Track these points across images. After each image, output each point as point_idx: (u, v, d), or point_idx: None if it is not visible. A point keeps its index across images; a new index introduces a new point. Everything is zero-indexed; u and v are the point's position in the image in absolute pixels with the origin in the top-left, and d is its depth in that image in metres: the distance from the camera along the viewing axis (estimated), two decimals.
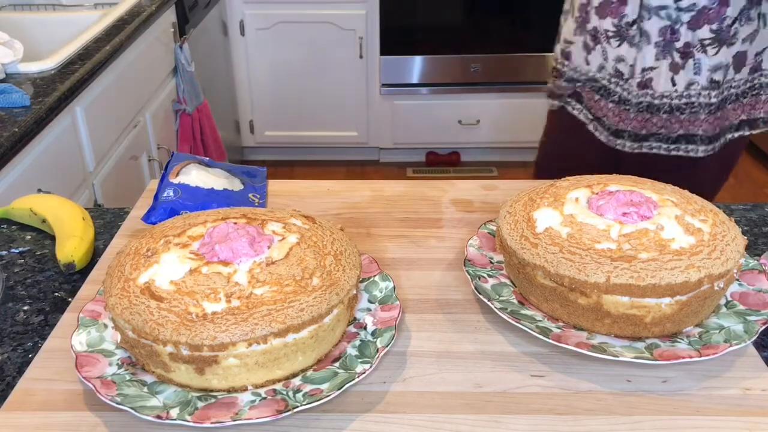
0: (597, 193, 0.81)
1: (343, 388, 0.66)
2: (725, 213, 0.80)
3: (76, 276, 0.90)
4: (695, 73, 1.33)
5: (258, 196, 1.04)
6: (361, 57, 3.32)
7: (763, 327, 0.73)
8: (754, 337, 0.72)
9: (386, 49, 3.29)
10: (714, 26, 1.30)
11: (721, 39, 1.32)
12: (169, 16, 2.42)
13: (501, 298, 0.79)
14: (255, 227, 0.75)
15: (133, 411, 0.63)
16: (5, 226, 1.02)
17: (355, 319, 0.76)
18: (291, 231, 0.75)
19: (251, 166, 1.16)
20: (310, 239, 0.74)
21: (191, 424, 0.63)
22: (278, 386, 0.68)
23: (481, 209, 1.02)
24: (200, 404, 0.65)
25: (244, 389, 0.68)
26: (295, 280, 0.68)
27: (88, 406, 0.67)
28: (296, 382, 0.68)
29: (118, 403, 0.64)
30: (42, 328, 0.80)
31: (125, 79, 2.02)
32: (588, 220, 0.76)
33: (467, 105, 3.37)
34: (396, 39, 3.26)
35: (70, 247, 0.90)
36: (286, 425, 0.65)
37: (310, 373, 0.69)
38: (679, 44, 1.32)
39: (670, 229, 0.74)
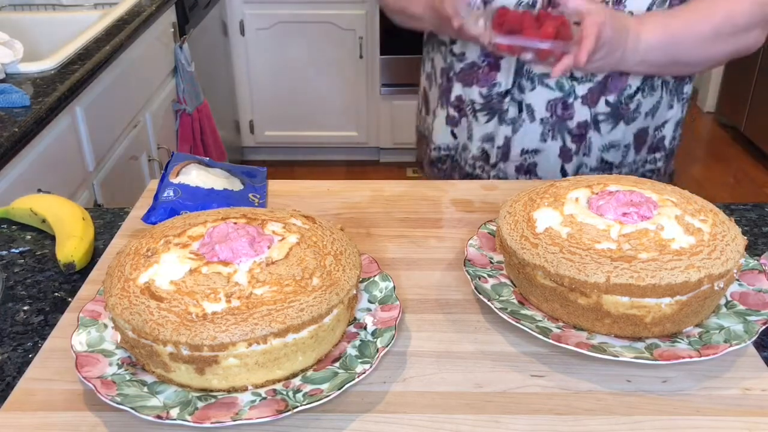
0: (597, 193, 0.81)
1: (343, 388, 0.66)
2: (725, 213, 0.80)
3: (76, 276, 0.90)
4: (584, 155, 1.17)
5: (258, 196, 1.04)
6: (361, 57, 3.33)
7: (763, 327, 0.73)
8: (754, 337, 0.72)
9: (386, 49, 3.29)
10: (611, 98, 1.12)
11: (618, 114, 1.13)
12: (169, 16, 2.42)
13: (501, 298, 0.79)
14: (255, 227, 0.75)
15: (133, 411, 0.63)
16: (5, 226, 1.02)
17: (355, 319, 0.76)
18: (291, 231, 0.75)
19: (251, 166, 1.16)
20: (310, 239, 0.74)
21: (191, 424, 0.63)
22: (278, 386, 0.68)
23: (481, 209, 1.02)
24: (200, 404, 0.65)
25: (244, 389, 0.68)
26: (295, 280, 0.68)
27: (88, 406, 0.67)
28: (296, 382, 0.68)
29: (118, 403, 0.64)
30: (42, 328, 0.80)
31: (125, 79, 2.02)
32: (588, 220, 0.76)
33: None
34: (396, 39, 3.26)
35: (70, 247, 0.90)
36: (286, 425, 0.65)
37: (310, 373, 0.69)
38: (572, 123, 1.14)
39: (670, 229, 0.74)
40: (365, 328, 0.74)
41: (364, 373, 0.68)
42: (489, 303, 0.77)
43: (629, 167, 1.21)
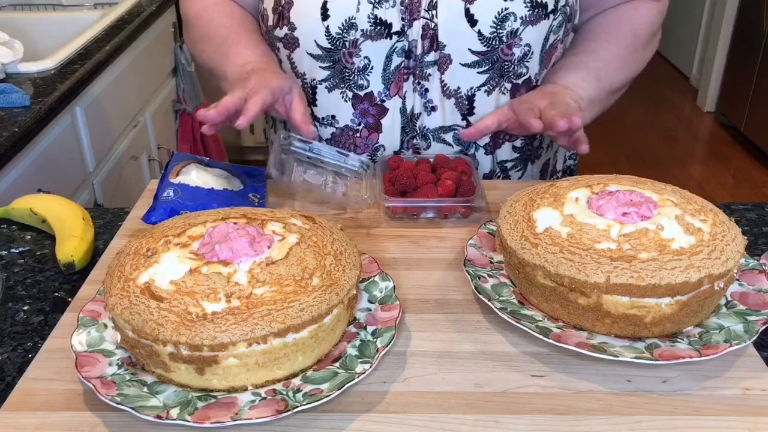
0: (597, 193, 0.81)
1: (343, 388, 0.66)
2: (725, 213, 0.80)
3: (76, 276, 0.90)
4: None
5: (258, 196, 1.04)
6: None
7: (763, 327, 0.73)
8: (754, 337, 0.72)
9: None
10: (518, 143, 1.05)
11: (526, 157, 1.07)
12: (169, 16, 2.42)
13: (501, 298, 0.79)
14: (255, 227, 0.75)
15: (133, 411, 0.63)
16: (5, 226, 1.02)
17: (355, 319, 0.76)
18: (291, 231, 0.75)
19: (251, 166, 1.16)
20: (310, 239, 0.74)
21: (191, 424, 0.63)
22: (278, 386, 0.68)
23: (482, 209, 1.02)
24: (200, 404, 0.65)
25: (244, 389, 0.68)
26: (295, 280, 0.68)
27: (88, 406, 0.67)
28: (296, 382, 0.68)
29: (118, 403, 0.64)
30: (42, 328, 0.80)
31: (125, 79, 2.01)
32: (588, 220, 0.76)
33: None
34: None
35: (70, 247, 0.90)
36: (286, 425, 0.65)
37: (310, 373, 0.69)
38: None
39: (670, 229, 0.74)
40: (365, 328, 0.74)
41: (364, 373, 0.68)
42: (489, 303, 0.77)
43: None
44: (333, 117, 1.01)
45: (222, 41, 1.03)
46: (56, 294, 0.87)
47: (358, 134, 1.01)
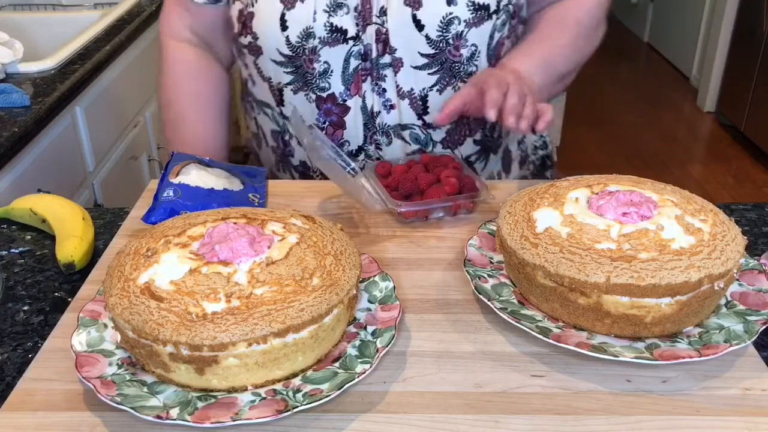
0: (597, 193, 0.81)
1: (343, 388, 0.66)
2: (725, 213, 0.80)
3: (76, 276, 0.90)
4: None
5: (258, 196, 1.04)
6: None
7: (763, 327, 0.73)
8: (754, 337, 0.72)
9: None
10: (477, 136, 1.08)
11: (488, 147, 1.09)
12: None
13: (501, 298, 0.79)
14: (255, 227, 0.75)
15: (133, 411, 0.63)
16: (5, 226, 1.02)
17: (355, 319, 0.76)
18: (291, 231, 0.75)
19: (251, 166, 1.16)
20: (310, 239, 0.74)
21: (191, 424, 0.63)
22: (278, 386, 0.68)
23: (481, 209, 1.02)
24: (200, 404, 0.65)
25: (244, 389, 0.68)
26: (295, 280, 0.68)
27: (88, 406, 0.67)
28: (296, 382, 0.68)
29: (118, 403, 0.64)
30: (42, 328, 0.80)
31: (125, 79, 2.01)
32: (588, 220, 0.76)
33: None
34: None
35: (70, 247, 0.90)
36: (286, 425, 0.65)
37: (310, 373, 0.69)
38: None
39: (670, 229, 0.74)
40: (365, 328, 0.74)
41: (364, 373, 0.68)
42: (489, 303, 0.77)
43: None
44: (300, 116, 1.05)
45: (177, 114, 1.16)
46: (56, 294, 0.87)
47: (323, 131, 1.05)
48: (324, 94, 1.03)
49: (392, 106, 1.03)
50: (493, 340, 0.76)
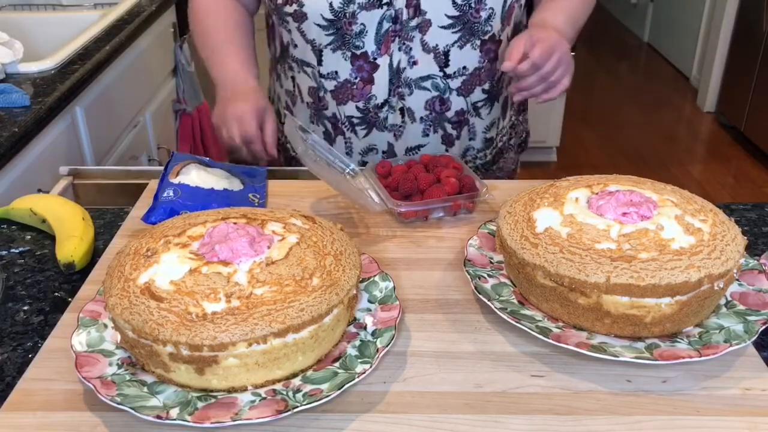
0: (597, 193, 0.81)
1: (343, 388, 0.66)
2: (725, 213, 0.80)
3: (76, 276, 0.90)
4: (470, 139, 1.26)
5: (258, 196, 1.04)
6: None
7: (763, 327, 0.73)
8: (754, 337, 0.72)
9: None
10: (486, 86, 1.22)
11: (493, 96, 1.24)
12: (169, 16, 2.41)
13: (501, 298, 0.79)
14: (255, 227, 0.75)
15: (133, 411, 0.63)
16: (5, 226, 1.02)
17: (355, 319, 0.76)
18: (291, 231, 0.75)
19: (251, 166, 1.16)
20: (310, 239, 0.74)
21: (191, 424, 0.63)
22: (278, 386, 0.68)
23: (481, 209, 1.02)
24: (200, 404, 0.65)
25: (244, 389, 0.68)
26: (295, 280, 0.68)
27: (88, 406, 0.67)
28: (296, 382, 0.68)
29: (118, 403, 0.64)
30: (42, 328, 0.80)
31: (125, 79, 2.01)
32: (588, 220, 0.76)
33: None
34: None
35: (70, 247, 0.90)
36: (286, 425, 0.65)
37: (310, 373, 0.69)
38: (450, 113, 1.21)
39: (670, 229, 0.74)
40: (365, 328, 0.74)
41: (364, 373, 0.68)
42: (489, 303, 0.77)
43: (501, 135, 1.33)
44: (336, 72, 1.18)
45: (217, 47, 1.27)
46: (56, 294, 0.87)
47: (354, 86, 1.18)
48: (358, 52, 1.16)
49: (415, 62, 1.16)
50: (493, 340, 0.76)
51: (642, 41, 5.24)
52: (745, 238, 0.77)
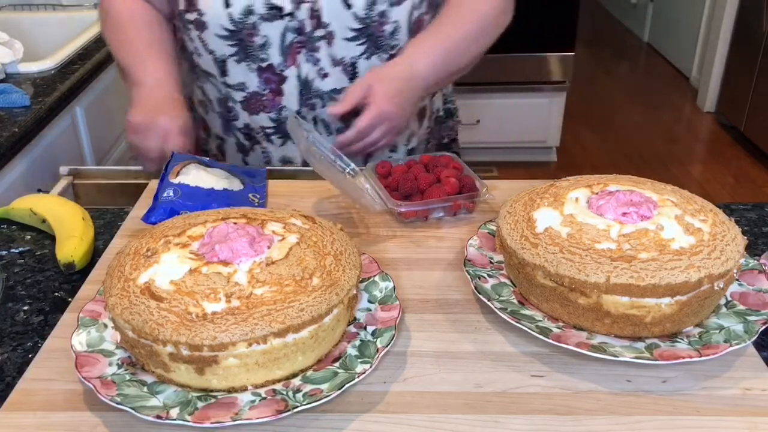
0: (597, 193, 0.81)
1: (343, 388, 0.66)
2: (725, 213, 0.80)
3: (76, 276, 0.90)
4: (391, 150, 1.23)
5: (258, 196, 1.04)
6: None
7: (763, 327, 0.73)
8: (754, 337, 0.72)
9: None
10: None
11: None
12: None
13: (501, 298, 0.79)
14: (255, 227, 0.75)
15: (133, 411, 0.63)
16: (5, 226, 1.02)
17: (355, 319, 0.76)
18: (291, 231, 0.75)
19: (251, 167, 1.16)
20: (310, 239, 0.74)
21: (191, 424, 0.63)
22: (278, 386, 0.68)
23: (481, 209, 1.02)
24: (200, 404, 0.65)
25: (244, 389, 0.68)
26: (295, 280, 0.68)
27: (88, 406, 0.67)
28: (296, 382, 0.68)
29: (118, 403, 0.64)
30: (42, 328, 0.80)
31: None
32: (588, 220, 0.76)
33: (467, 105, 3.37)
34: None
35: (70, 247, 0.90)
36: (286, 425, 0.65)
37: (310, 373, 0.69)
38: None
39: (670, 229, 0.74)
40: (365, 328, 0.74)
41: (364, 373, 0.68)
42: (489, 303, 0.77)
43: (420, 144, 1.30)
44: (243, 83, 1.16)
45: (139, 52, 1.19)
46: (56, 294, 0.87)
47: (264, 97, 1.16)
48: (264, 65, 1.13)
49: (326, 74, 1.14)
50: (493, 340, 0.76)
51: (642, 41, 5.24)
52: (745, 238, 0.77)
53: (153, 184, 1.09)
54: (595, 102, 4.23)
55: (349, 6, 1.09)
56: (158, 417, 0.63)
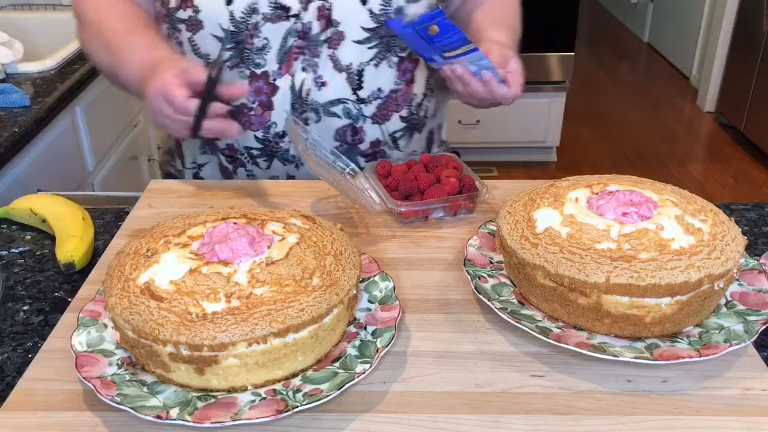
0: (597, 193, 0.81)
1: (343, 388, 0.66)
2: (725, 213, 0.80)
3: (76, 276, 0.90)
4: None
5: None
6: None
7: (763, 327, 0.73)
8: (754, 337, 0.72)
9: None
10: (404, 113, 1.11)
11: (413, 126, 1.13)
12: None
13: (501, 298, 0.79)
14: (255, 227, 0.75)
15: (133, 411, 0.63)
16: (5, 226, 1.02)
17: (355, 319, 0.76)
18: (291, 231, 0.75)
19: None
20: (310, 239, 0.74)
21: (191, 424, 0.63)
22: (278, 386, 0.68)
23: (481, 209, 1.02)
24: (200, 404, 0.65)
25: (244, 389, 0.68)
26: (295, 280, 0.68)
27: (88, 406, 0.67)
28: (296, 382, 0.68)
29: (118, 403, 0.64)
30: (42, 328, 0.80)
31: None
32: (588, 220, 0.76)
33: (467, 105, 3.37)
34: None
35: (70, 247, 0.90)
36: (286, 425, 0.65)
37: (310, 373, 0.69)
38: (364, 146, 1.10)
39: (670, 229, 0.74)
40: (365, 328, 0.74)
41: (364, 373, 0.68)
42: (489, 303, 0.77)
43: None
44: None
45: (119, 46, 1.04)
46: (56, 294, 0.87)
47: (252, 112, 1.06)
48: (258, 71, 1.04)
49: (324, 83, 1.06)
50: (493, 340, 0.76)
51: (642, 41, 5.24)
52: (745, 238, 0.77)
53: (153, 185, 1.09)
54: (595, 102, 4.23)
55: (364, 1, 1.02)
56: (158, 417, 0.63)
